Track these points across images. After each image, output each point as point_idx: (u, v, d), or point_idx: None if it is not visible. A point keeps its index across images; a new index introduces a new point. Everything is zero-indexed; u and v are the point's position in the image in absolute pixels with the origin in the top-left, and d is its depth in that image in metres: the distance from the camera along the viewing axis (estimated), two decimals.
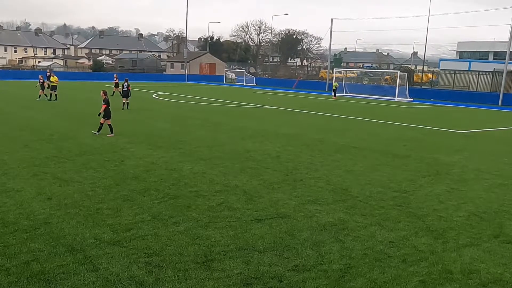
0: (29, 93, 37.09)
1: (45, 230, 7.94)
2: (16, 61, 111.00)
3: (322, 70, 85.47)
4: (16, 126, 19.99)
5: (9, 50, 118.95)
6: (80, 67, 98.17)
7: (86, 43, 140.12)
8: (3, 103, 29.38)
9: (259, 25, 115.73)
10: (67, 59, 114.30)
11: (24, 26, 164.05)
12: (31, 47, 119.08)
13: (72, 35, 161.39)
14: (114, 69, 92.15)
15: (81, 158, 13.86)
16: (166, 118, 25.09)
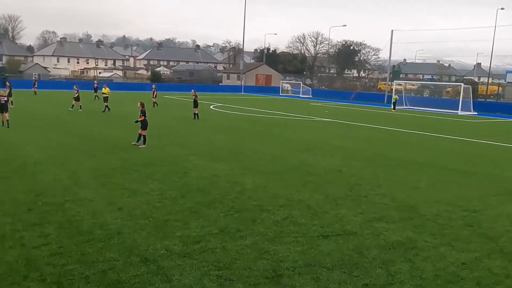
0: (89, 104, 38.71)
1: (118, 240, 8.32)
2: (78, 72, 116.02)
3: (380, 82, 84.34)
4: (79, 136, 20.94)
5: (72, 61, 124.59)
6: (138, 78, 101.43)
7: (144, 55, 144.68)
8: (65, 113, 30.81)
9: (316, 36, 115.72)
10: (126, 70, 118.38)
11: (85, 38, 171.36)
12: (92, 59, 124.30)
13: (131, 46, 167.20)
14: (172, 80, 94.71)
15: (145, 169, 14.35)
16: (224, 130, 25.55)
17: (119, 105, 39.05)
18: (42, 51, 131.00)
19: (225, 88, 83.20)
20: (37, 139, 19.45)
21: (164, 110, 36.65)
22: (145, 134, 18.67)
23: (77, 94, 33.44)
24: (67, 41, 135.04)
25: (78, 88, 34.15)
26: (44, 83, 72.83)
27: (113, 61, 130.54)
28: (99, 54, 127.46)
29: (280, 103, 53.92)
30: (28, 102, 39.64)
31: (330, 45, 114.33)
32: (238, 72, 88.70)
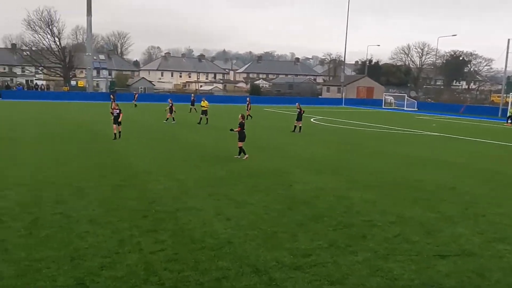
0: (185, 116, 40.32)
1: (229, 249, 8.58)
2: (180, 85, 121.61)
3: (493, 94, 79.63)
4: (183, 147, 21.90)
5: (175, 75, 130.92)
6: (238, 91, 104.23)
7: (244, 68, 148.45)
8: (168, 125, 32.34)
9: (422, 47, 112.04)
10: (226, 83, 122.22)
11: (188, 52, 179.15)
12: (194, 72, 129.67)
13: (231, 60, 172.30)
14: (271, 93, 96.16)
15: (250, 180, 14.69)
16: (326, 143, 25.47)
17: (219, 117, 40.35)
18: (148, 66, 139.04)
19: (325, 100, 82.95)
20: (145, 150, 20.60)
21: (264, 123, 37.30)
22: (241, 145, 19.08)
23: (171, 107, 34.98)
24: (171, 56, 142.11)
25: (172, 101, 35.72)
26: (149, 96, 77.23)
27: (213, 74, 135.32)
28: (200, 68, 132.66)
29: (383, 116, 52.72)
30: (135, 114, 42.12)
31: (438, 56, 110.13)
32: (338, 85, 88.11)
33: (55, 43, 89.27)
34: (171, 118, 34.66)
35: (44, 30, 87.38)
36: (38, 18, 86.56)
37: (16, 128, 28.08)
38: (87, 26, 72.26)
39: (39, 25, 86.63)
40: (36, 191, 12.55)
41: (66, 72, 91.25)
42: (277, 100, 79.67)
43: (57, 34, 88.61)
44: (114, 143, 22.34)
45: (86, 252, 8.27)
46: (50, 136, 24.51)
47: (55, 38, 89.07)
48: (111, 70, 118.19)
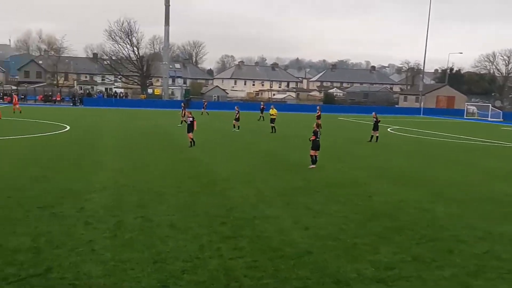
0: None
1: (308, 259, 8.57)
2: (253, 94, 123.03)
3: None
4: (259, 155, 22.12)
5: (248, 84, 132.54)
6: (311, 100, 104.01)
7: (318, 76, 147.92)
8: (240, 133, 32.74)
9: (509, 54, 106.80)
10: (299, 91, 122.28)
11: (261, 61, 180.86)
12: (267, 81, 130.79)
13: (305, 68, 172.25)
14: (345, 102, 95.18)
15: (327, 190, 14.60)
16: (405, 154, 24.85)
17: (290, 126, 40.39)
18: (221, 74, 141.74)
19: (402, 110, 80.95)
20: (221, 158, 20.99)
21: (339, 132, 36.96)
22: (316, 154, 18.95)
23: (238, 115, 35.28)
24: (245, 64, 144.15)
25: (239, 109, 35.96)
26: (222, 104, 78.66)
27: (286, 83, 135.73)
28: (274, 77, 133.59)
29: (465, 127, 50.67)
30: (208, 122, 42.99)
31: None
32: (416, 94, 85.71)
33: (134, 52, 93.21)
34: (237, 126, 35.10)
35: (124, 40, 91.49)
36: (119, 29, 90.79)
37: (99, 134, 29.51)
38: (165, 36, 74.92)
39: (120, 36, 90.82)
40: (118, 195, 13.13)
41: (143, 80, 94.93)
42: (352, 109, 78.65)
43: (136, 44, 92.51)
44: (189, 150, 22.93)
45: (168, 255, 8.55)
46: (129, 142, 25.54)
47: (134, 48, 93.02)
48: (186, 79, 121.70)
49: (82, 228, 10.02)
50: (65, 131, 30.85)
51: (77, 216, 10.89)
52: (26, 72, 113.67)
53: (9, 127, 32.46)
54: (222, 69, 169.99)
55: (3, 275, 7.49)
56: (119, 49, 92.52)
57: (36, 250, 8.59)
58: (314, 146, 18.90)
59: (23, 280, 7.37)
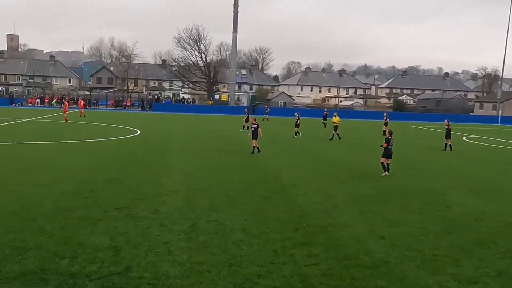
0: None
1: (386, 269, 8.41)
2: (319, 100, 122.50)
3: None
4: (326, 161, 22.00)
5: (314, 90, 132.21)
6: (379, 107, 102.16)
7: (387, 83, 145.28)
8: (304, 139, 32.61)
9: None
10: (367, 98, 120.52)
11: (327, 67, 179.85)
12: (334, 87, 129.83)
13: (373, 75, 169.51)
14: (415, 109, 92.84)
15: (401, 199, 14.28)
16: (482, 163, 23.98)
17: (359, 133, 39.82)
18: (288, 81, 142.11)
19: (477, 118, 78.04)
20: (288, 163, 21.02)
21: (410, 140, 36.08)
22: (388, 162, 18.57)
23: (298, 121, 35.03)
24: (311, 71, 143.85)
25: (299, 115, 35.73)
26: (287, 110, 78.68)
27: (354, 89, 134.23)
28: (341, 83, 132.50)
29: None
30: (274, 129, 43.13)
31: None
32: (494, 101, 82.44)
33: (202, 59, 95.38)
34: (297, 132, 35.12)
35: (192, 47, 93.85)
36: (188, 36, 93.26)
37: (169, 139, 30.36)
38: (232, 42, 76.09)
39: (188, 42, 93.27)
40: (190, 198, 13.43)
41: (210, 86, 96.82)
42: (423, 117, 76.71)
43: (204, 51, 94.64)
44: (255, 155, 23.10)
45: (242, 259, 8.65)
46: (197, 147, 26.11)
47: (201, 55, 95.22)
48: (252, 85, 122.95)
49: (157, 229, 10.32)
50: (136, 135, 31.93)
51: (152, 217, 11.23)
52: (98, 78, 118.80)
53: (85, 131, 33.99)
54: (288, 75, 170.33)
55: (86, 272, 7.84)
56: (187, 55, 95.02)
57: (115, 249, 8.93)
58: (386, 154, 18.53)
59: (104, 277, 7.67)
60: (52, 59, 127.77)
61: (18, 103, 72.41)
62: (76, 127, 36.73)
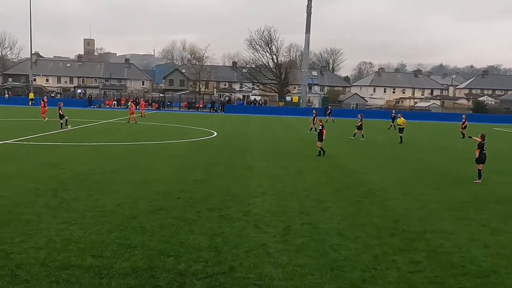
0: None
1: (496, 279, 8.16)
2: (393, 102, 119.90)
3: None
4: (412, 165, 21.53)
5: (387, 91, 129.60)
6: (458, 108, 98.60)
7: (466, 83, 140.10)
8: (384, 141, 31.96)
9: None
10: (444, 99, 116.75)
11: (400, 67, 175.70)
12: (409, 88, 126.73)
13: (450, 75, 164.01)
14: (498, 111, 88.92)
15: (500, 206, 13.77)
16: None
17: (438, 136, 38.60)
18: (360, 82, 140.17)
19: None
20: (369, 166, 20.76)
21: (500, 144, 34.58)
22: (480, 168, 17.88)
23: (360, 123, 34.32)
24: (385, 71, 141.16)
25: (362, 117, 34.92)
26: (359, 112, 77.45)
27: (430, 90, 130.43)
28: (416, 84, 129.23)
29: None
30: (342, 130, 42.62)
31: None
32: None
33: (273, 60, 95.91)
34: (360, 134, 34.40)
35: (264, 49, 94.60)
36: (259, 38, 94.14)
37: (245, 140, 30.76)
38: (305, 43, 75.99)
39: (260, 44, 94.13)
40: (279, 200, 13.57)
41: (281, 88, 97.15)
42: (506, 119, 73.39)
43: (275, 52, 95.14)
44: (338, 159, 22.97)
45: (343, 263, 8.65)
46: (275, 148, 26.28)
47: (273, 56, 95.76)
48: (322, 86, 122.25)
49: (252, 231, 10.50)
50: (213, 137, 32.57)
51: (245, 219, 11.44)
52: (171, 80, 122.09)
53: (161, 132, 35.10)
54: (358, 76, 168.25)
55: (192, 270, 8.11)
56: (258, 57, 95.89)
57: (216, 249, 9.18)
58: (481, 159, 17.89)
59: (210, 276, 7.91)
60: (127, 62, 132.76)
61: (96, 104, 75.67)
62: (154, 129, 37.97)
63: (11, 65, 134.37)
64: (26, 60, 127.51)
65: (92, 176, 16.02)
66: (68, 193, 13.36)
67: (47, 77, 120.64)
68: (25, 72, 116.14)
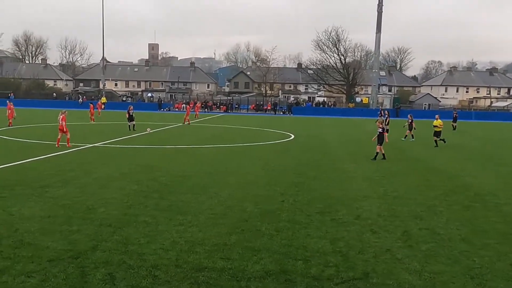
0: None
1: None
2: (466, 102, 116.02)
3: None
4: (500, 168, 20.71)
5: (460, 91, 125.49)
6: None
7: None
8: None
9: None
10: None
11: (471, 66, 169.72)
12: (484, 87, 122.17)
13: None
14: None
15: None
16: None
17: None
18: (430, 81, 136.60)
19: None
20: (468, 168, 20.08)
21: None
22: None
23: (411, 123, 33.33)
24: (457, 70, 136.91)
25: (412, 117, 33.93)
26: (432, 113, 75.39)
27: (507, 89, 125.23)
28: (491, 82, 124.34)
29: None
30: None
31: None
32: None
33: (340, 61, 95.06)
34: (410, 135, 33.42)
35: (331, 49, 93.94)
36: (326, 38, 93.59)
37: (324, 142, 30.56)
38: (376, 43, 74.89)
39: (327, 45, 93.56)
40: (386, 204, 13.29)
41: (349, 88, 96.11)
42: None
43: (343, 52, 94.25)
44: (431, 161, 22.38)
45: (481, 272, 8.31)
46: (359, 151, 25.91)
47: (340, 57, 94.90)
48: (391, 86, 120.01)
49: (371, 235, 10.32)
50: (291, 139, 32.55)
51: (359, 223, 11.27)
52: (236, 82, 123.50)
53: (238, 134, 35.45)
54: (425, 75, 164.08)
55: (326, 275, 8.03)
56: (325, 58, 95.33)
57: (341, 254, 9.07)
58: None
59: (347, 282, 7.80)
60: (192, 66, 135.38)
61: (166, 108, 77.55)
62: (231, 131, 38.42)
63: (81, 70, 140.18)
64: (95, 66, 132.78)
65: (189, 179, 16.30)
66: (173, 195, 13.63)
67: (116, 82, 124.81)
68: (94, 77, 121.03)
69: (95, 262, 8.29)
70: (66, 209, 11.84)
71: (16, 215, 11.13)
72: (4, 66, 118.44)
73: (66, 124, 24.33)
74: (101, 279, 7.60)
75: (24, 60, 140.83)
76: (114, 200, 12.81)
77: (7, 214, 11.20)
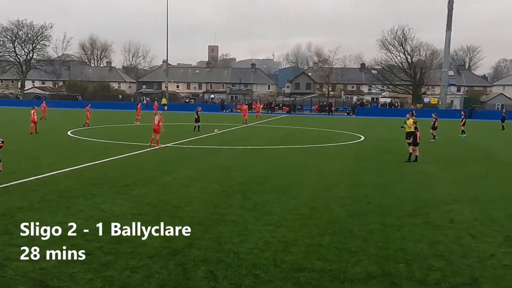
0: None
1: None
2: None
3: None
4: None
5: None
6: None
7: None
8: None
9: None
10: None
11: None
12: None
13: None
14: None
15: None
16: None
17: None
18: (502, 81, 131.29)
19: None
20: None
21: None
22: None
23: (435, 123, 32.58)
24: None
25: (436, 116, 33.24)
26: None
27: None
28: None
29: None
30: None
31: None
32: None
33: (407, 60, 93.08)
34: (433, 135, 32.57)
35: (397, 49, 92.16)
36: (392, 37, 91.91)
37: (400, 144, 29.95)
38: (446, 41, 72.91)
39: (393, 44, 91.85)
40: (479, 208, 12.88)
41: (416, 89, 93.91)
42: None
43: (410, 52, 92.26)
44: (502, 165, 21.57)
45: None
46: (436, 153, 25.25)
47: (407, 56, 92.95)
48: (459, 86, 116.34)
49: (470, 240, 10.00)
50: (362, 140, 32.12)
51: (454, 227, 10.93)
52: (297, 83, 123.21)
53: (307, 136, 35.31)
54: (495, 75, 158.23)
55: (432, 280, 7.82)
56: (391, 57, 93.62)
57: (443, 258, 8.81)
58: None
59: (455, 287, 7.58)
60: (253, 67, 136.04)
61: (228, 109, 78.27)
62: (299, 132, 38.33)
63: (143, 73, 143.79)
64: (157, 68, 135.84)
65: (268, 180, 16.32)
66: (256, 195, 13.67)
67: (178, 83, 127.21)
68: (157, 79, 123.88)
69: (193, 259, 8.42)
70: (154, 207, 12.12)
71: (107, 212, 11.49)
72: (72, 69, 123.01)
73: (162, 125, 25.66)
74: (203, 277, 7.71)
75: (90, 63, 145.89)
76: (198, 200, 13.00)
77: (99, 211, 11.58)
